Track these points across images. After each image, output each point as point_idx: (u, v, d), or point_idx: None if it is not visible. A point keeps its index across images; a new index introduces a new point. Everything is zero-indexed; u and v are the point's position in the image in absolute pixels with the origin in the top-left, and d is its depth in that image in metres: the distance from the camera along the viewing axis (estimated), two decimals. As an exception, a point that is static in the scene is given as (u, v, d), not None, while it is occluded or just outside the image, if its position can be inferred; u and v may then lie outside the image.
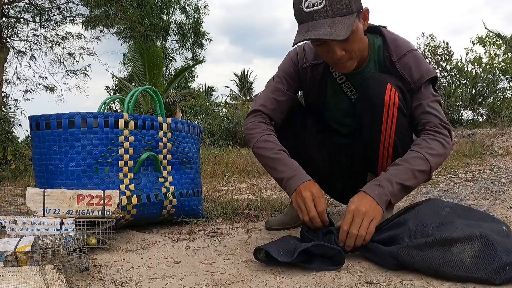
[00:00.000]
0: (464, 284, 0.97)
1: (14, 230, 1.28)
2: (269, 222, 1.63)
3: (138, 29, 10.33)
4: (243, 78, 31.12)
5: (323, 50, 1.21)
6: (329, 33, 1.11)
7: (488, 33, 10.91)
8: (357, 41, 1.20)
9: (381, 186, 1.15)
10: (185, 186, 1.72)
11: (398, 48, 1.29)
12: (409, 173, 1.17)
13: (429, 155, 1.19)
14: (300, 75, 1.41)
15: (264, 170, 4.19)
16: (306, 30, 1.14)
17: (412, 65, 1.27)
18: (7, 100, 10.01)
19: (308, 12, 1.14)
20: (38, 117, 1.47)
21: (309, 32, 1.13)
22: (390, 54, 1.29)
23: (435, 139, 1.22)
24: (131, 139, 1.53)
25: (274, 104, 1.41)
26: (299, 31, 1.16)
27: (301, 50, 1.41)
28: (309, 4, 1.13)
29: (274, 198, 2.25)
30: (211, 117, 17.03)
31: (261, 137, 1.35)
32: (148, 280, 1.06)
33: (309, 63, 1.39)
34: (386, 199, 1.15)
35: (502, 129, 4.97)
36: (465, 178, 2.71)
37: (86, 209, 1.34)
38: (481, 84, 9.15)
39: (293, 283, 1.01)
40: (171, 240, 1.48)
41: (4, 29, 8.45)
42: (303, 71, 1.40)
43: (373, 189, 1.15)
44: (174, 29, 20.00)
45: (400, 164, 1.19)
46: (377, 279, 1.02)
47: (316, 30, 1.12)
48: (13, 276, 0.94)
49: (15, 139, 5.72)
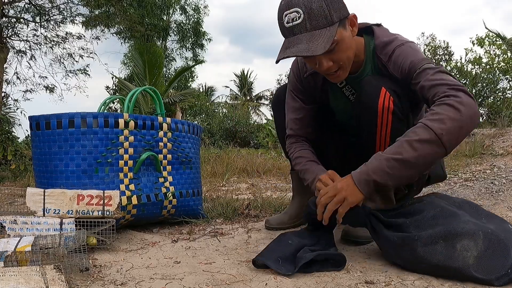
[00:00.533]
0: (464, 284, 0.97)
1: (14, 230, 1.28)
2: (269, 221, 1.63)
3: (138, 29, 10.33)
4: (243, 78, 31.14)
5: (311, 63, 1.20)
6: (306, 49, 1.08)
7: (488, 33, 10.92)
8: (344, 50, 1.16)
9: (366, 165, 1.11)
10: (185, 186, 1.72)
11: (385, 48, 1.25)
12: (403, 145, 1.05)
13: (432, 121, 1.04)
14: (304, 85, 1.42)
15: (264, 170, 4.21)
16: (286, 47, 1.12)
17: (400, 62, 1.21)
18: (7, 100, 10.01)
19: (288, 27, 1.12)
20: (38, 117, 1.47)
21: (288, 50, 1.11)
22: (380, 55, 1.26)
23: (442, 103, 1.05)
24: (131, 139, 1.53)
25: (297, 123, 1.46)
26: (282, 47, 1.15)
27: (301, 61, 1.42)
28: (289, 19, 1.10)
29: (274, 198, 2.25)
30: (211, 117, 17.04)
31: (294, 155, 1.44)
32: (148, 280, 1.06)
33: (309, 72, 1.39)
34: (365, 179, 1.09)
35: (502, 129, 4.98)
36: (465, 178, 2.71)
37: (86, 209, 1.34)
38: (481, 84, 9.15)
39: (293, 283, 1.01)
40: (171, 240, 1.48)
41: (4, 29, 8.45)
42: (305, 81, 1.41)
43: (357, 170, 1.12)
44: (174, 29, 20.01)
45: (396, 141, 1.10)
46: (377, 279, 1.02)
47: (294, 46, 1.10)
48: (13, 276, 0.94)
49: (15, 139, 5.72)
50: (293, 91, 1.46)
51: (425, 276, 1.02)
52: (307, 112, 1.45)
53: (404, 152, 1.04)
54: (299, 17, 1.09)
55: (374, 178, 1.08)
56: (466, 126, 1.04)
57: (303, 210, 1.65)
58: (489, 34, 10.90)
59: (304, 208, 1.27)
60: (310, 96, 1.44)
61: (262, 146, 10.59)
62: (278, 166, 4.39)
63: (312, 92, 1.42)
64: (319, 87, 1.40)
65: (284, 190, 2.80)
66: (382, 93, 1.20)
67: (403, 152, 1.05)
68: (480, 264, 0.96)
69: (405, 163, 1.05)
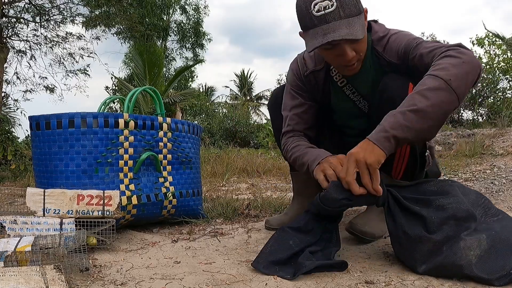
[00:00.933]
0: (464, 284, 0.97)
1: (14, 230, 1.28)
2: (269, 221, 1.63)
3: (138, 29, 10.33)
4: (243, 78, 31.14)
5: (332, 54, 1.19)
6: (349, 34, 1.09)
7: (487, 34, 10.92)
8: (364, 41, 1.20)
9: (381, 124, 1.05)
10: (185, 186, 1.72)
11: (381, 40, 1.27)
12: (415, 96, 1.02)
13: (437, 71, 1.03)
14: (305, 84, 1.42)
15: (264, 170, 4.21)
16: (323, 33, 1.11)
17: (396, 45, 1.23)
18: (7, 100, 10.01)
19: (319, 15, 1.11)
20: (38, 117, 1.47)
21: (329, 35, 1.10)
22: (376, 47, 1.28)
23: (442, 57, 1.07)
24: (131, 139, 1.53)
25: (295, 119, 1.43)
26: (313, 35, 1.13)
27: (301, 60, 1.42)
28: (320, 7, 1.11)
29: (274, 198, 2.25)
30: (211, 117, 17.05)
31: (290, 146, 1.38)
32: (148, 280, 1.06)
33: (310, 71, 1.39)
34: (384, 136, 1.02)
35: (502, 129, 4.97)
36: (465, 178, 2.71)
37: (86, 209, 1.34)
38: (481, 84, 9.15)
39: (293, 283, 1.01)
40: (171, 240, 1.48)
41: (4, 29, 8.45)
42: (306, 79, 1.41)
43: (373, 132, 1.05)
44: (174, 29, 20.01)
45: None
46: (377, 279, 1.02)
47: (336, 32, 1.10)
48: (13, 276, 0.94)
49: (15, 139, 5.72)
50: (293, 88, 1.44)
51: (425, 276, 1.02)
52: (307, 108, 1.43)
53: (418, 103, 1.01)
54: (332, 5, 1.10)
55: (394, 133, 1.02)
56: (471, 71, 1.04)
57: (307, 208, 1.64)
58: (489, 35, 10.90)
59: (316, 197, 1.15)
60: (311, 94, 1.43)
61: (262, 146, 10.59)
62: (278, 166, 4.39)
63: (313, 91, 1.42)
64: (320, 86, 1.40)
65: (284, 190, 2.80)
66: (410, 88, 1.19)
67: (416, 103, 1.01)
68: (482, 263, 0.96)
69: (421, 112, 1.01)
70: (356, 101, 1.40)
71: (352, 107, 1.42)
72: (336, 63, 1.23)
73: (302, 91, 1.43)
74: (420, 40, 1.20)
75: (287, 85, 1.48)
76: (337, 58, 1.20)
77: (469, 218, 1.05)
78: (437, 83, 1.02)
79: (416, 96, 1.03)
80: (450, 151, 4.49)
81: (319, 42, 1.12)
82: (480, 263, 0.96)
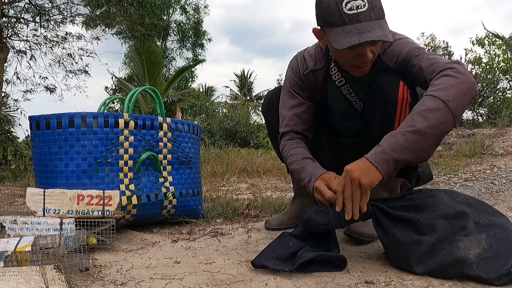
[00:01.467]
0: (464, 283, 0.97)
1: (14, 230, 1.28)
2: (269, 221, 1.63)
3: (138, 29, 10.32)
4: (243, 78, 31.14)
5: (353, 54, 1.18)
6: (384, 35, 1.10)
7: (487, 34, 10.92)
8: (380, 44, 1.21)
9: (380, 145, 1.07)
10: (185, 186, 1.72)
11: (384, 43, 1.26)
12: (415, 117, 1.05)
13: (436, 91, 1.06)
14: (304, 82, 1.42)
15: (264, 170, 4.21)
16: (358, 32, 1.10)
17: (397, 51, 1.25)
18: (7, 100, 10.01)
19: (351, 14, 1.10)
20: (38, 117, 1.47)
21: (365, 34, 1.10)
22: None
23: (440, 76, 1.09)
24: (131, 139, 1.53)
25: (295, 119, 1.43)
26: (345, 33, 1.12)
27: (301, 59, 1.42)
28: (352, 6, 1.10)
29: (274, 198, 2.25)
30: (211, 117, 17.04)
31: (288, 153, 1.38)
32: (148, 280, 1.06)
33: (309, 70, 1.39)
34: (384, 158, 1.04)
35: (502, 129, 4.97)
36: (465, 178, 2.71)
37: (86, 209, 1.34)
38: (481, 84, 9.14)
39: (293, 283, 1.01)
40: (171, 240, 1.49)
41: (4, 29, 8.45)
42: (305, 78, 1.41)
43: (371, 152, 1.07)
44: (174, 29, 20.01)
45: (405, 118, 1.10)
46: (377, 279, 1.02)
47: (371, 32, 1.10)
48: (13, 276, 0.94)
49: (15, 139, 5.72)
50: (292, 88, 1.44)
51: (425, 276, 1.02)
52: (306, 108, 1.43)
53: (417, 123, 1.03)
54: (364, 5, 1.10)
55: (393, 156, 1.04)
56: (468, 91, 1.07)
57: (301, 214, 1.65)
58: (489, 35, 10.90)
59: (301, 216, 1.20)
60: (310, 93, 1.43)
61: (262, 146, 10.58)
62: (278, 166, 4.39)
63: (312, 90, 1.42)
64: (319, 85, 1.40)
65: (284, 190, 2.80)
66: (401, 85, 1.22)
67: (416, 124, 1.03)
68: (482, 263, 0.97)
69: (421, 133, 1.03)
70: (353, 101, 1.40)
71: (348, 107, 1.42)
72: (351, 63, 1.22)
73: (301, 90, 1.43)
74: (421, 50, 1.22)
75: (285, 83, 1.47)
76: (355, 58, 1.19)
77: (460, 216, 1.05)
78: (435, 104, 1.04)
79: (416, 117, 1.05)
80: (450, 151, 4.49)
81: (355, 40, 1.10)
82: (480, 263, 0.97)
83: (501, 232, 1.01)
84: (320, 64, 1.37)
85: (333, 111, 1.46)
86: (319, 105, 1.46)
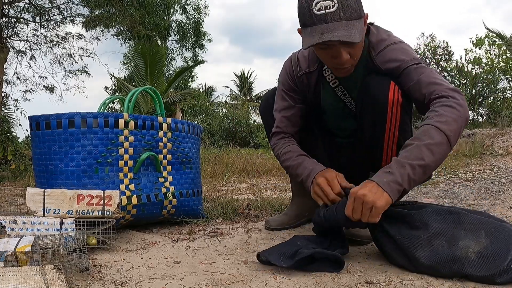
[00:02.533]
0: (464, 283, 0.97)
1: (14, 230, 1.28)
2: (269, 222, 1.63)
3: (138, 29, 10.32)
4: (243, 78, 31.12)
5: (327, 55, 1.19)
6: (346, 36, 1.10)
7: (488, 33, 10.91)
8: (360, 46, 1.20)
9: (392, 173, 1.07)
10: (185, 186, 1.72)
11: (378, 43, 1.27)
12: (423, 150, 1.07)
13: (441, 123, 1.08)
14: (297, 84, 1.42)
15: (263, 170, 4.21)
16: (321, 32, 1.11)
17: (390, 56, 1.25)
18: (7, 100, 10.01)
19: (319, 14, 1.11)
20: (38, 117, 1.47)
21: (326, 34, 1.11)
22: (371, 51, 1.28)
23: (444, 105, 1.11)
24: (131, 139, 1.53)
25: (284, 122, 1.45)
26: (311, 33, 1.13)
27: (295, 60, 1.42)
28: (321, 6, 1.11)
29: (274, 198, 2.25)
30: (211, 117, 17.03)
31: (282, 151, 1.41)
32: (148, 280, 1.06)
33: (303, 71, 1.39)
34: (397, 188, 1.06)
35: (502, 129, 4.97)
36: (465, 178, 2.71)
37: (86, 209, 1.34)
38: (481, 84, 9.14)
39: (293, 283, 1.01)
40: (171, 240, 1.49)
41: (4, 29, 8.46)
42: (299, 80, 1.41)
43: (382, 177, 1.07)
44: (174, 29, 20.00)
45: (410, 144, 1.10)
46: (377, 279, 1.02)
47: (333, 32, 1.10)
48: (13, 276, 0.94)
49: (15, 139, 5.72)
50: (284, 90, 1.45)
51: (425, 276, 1.02)
52: (296, 111, 1.44)
53: (426, 157, 1.06)
54: (333, 5, 1.10)
55: (405, 187, 1.07)
56: (464, 125, 1.13)
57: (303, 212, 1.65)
58: (489, 34, 10.89)
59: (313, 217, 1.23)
60: (302, 95, 1.44)
61: (262, 146, 10.58)
62: (278, 166, 4.38)
63: (305, 91, 1.42)
64: (312, 87, 1.40)
65: (284, 190, 2.80)
66: (391, 86, 1.22)
67: (424, 158, 1.06)
68: (482, 260, 0.97)
69: (427, 168, 1.08)
70: (347, 102, 1.40)
71: (343, 108, 1.42)
72: (330, 63, 1.24)
73: (293, 93, 1.44)
74: (419, 62, 1.22)
75: (279, 85, 1.48)
76: (331, 59, 1.20)
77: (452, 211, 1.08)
78: (441, 139, 1.08)
79: (424, 149, 1.07)
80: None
81: (315, 40, 1.12)
82: (480, 260, 0.97)
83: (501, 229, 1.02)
84: (313, 66, 1.38)
85: (328, 112, 1.46)
86: (313, 107, 1.46)
